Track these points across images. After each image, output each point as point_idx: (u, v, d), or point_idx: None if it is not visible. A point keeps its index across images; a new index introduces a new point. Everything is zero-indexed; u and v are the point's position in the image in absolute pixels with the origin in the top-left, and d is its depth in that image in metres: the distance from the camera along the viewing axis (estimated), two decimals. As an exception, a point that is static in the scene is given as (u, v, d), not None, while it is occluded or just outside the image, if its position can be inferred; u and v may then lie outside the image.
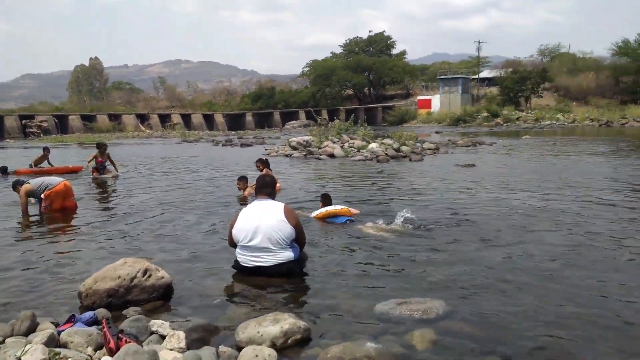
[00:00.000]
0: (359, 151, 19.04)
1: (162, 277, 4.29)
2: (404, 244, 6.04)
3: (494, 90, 61.82)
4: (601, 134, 31.90)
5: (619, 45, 56.45)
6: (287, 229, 4.84)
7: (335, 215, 7.16)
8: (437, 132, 38.46)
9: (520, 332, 3.63)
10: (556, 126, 43.84)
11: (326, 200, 7.63)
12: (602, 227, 6.70)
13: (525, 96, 57.27)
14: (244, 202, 8.92)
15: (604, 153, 18.47)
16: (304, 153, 19.49)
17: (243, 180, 9.58)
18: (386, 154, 17.89)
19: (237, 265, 4.97)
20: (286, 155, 19.73)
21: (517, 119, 49.68)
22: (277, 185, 10.62)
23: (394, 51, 78.73)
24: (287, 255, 4.85)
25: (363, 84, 71.84)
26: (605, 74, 58.42)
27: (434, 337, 3.48)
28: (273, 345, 3.23)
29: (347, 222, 6.98)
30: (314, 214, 7.37)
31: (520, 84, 56.35)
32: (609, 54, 59.57)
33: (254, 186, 5.38)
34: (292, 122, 58.99)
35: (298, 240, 5.03)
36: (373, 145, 19.41)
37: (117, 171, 13.93)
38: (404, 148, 19.00)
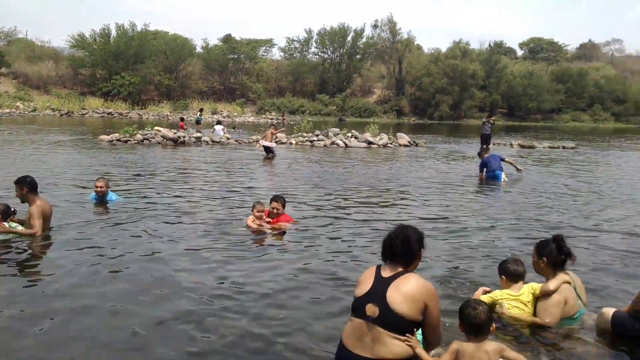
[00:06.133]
0: None
1: None
2: None
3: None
4: (62, 124, 32.21)
5: (76, 39, 57.99)
6: None
7: None
8: None
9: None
10: (16, 114, 41.44)
11: None
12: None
13: (-22, 81, 51.45)
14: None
15: (67, 142, 18.60)
16: None
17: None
18: None
19: None
20: None
21: (-28, 105, 44.14)
22: None
23: None
24: None
25: None
26: (65, 64, 59.10)
27: None
28: None
29: None
30: None
31: (-29, 66, 50.14)
32: (68, 46, 60.35)
33: None
34: None
35: None
36: None
37: None
38: None
